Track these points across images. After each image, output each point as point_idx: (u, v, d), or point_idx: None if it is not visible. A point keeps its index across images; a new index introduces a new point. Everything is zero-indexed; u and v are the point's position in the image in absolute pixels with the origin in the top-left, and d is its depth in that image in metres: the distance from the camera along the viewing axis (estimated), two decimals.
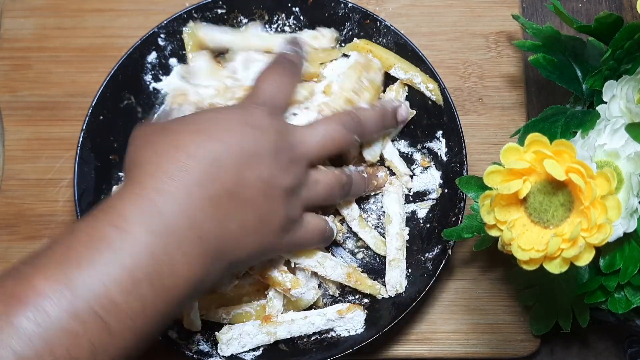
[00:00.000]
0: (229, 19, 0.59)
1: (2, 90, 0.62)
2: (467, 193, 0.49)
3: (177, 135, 0.42)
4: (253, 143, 0.43)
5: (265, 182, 0.43)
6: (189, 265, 0.39)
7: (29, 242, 0.59)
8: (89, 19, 0.63)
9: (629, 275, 0.43)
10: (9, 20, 0.64)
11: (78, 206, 0.53)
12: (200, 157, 0.41)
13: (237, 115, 0.45)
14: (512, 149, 0.39)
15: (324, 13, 0.58)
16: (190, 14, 0.58)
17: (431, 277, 0.52)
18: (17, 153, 0.61)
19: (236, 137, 0.43)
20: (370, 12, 0.57)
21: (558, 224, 0.39)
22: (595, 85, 0.48)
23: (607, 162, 0.44)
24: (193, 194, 0.40)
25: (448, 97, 0.55)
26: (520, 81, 0.62)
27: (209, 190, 0.41)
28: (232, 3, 0.58)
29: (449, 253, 0.53)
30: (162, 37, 0.58)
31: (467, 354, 0.57)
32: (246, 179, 0.42)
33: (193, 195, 0.40)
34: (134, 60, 0.57)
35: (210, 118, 0.44)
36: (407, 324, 0.57)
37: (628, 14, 0.64)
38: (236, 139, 0.43)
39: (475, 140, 0.60)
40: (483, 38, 0.63)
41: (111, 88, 0.56)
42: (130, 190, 0.40)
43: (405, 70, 0.56)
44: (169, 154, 0.41)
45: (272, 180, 0.44)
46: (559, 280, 0.51)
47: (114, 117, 0.57)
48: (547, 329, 0.54)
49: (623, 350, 0.58)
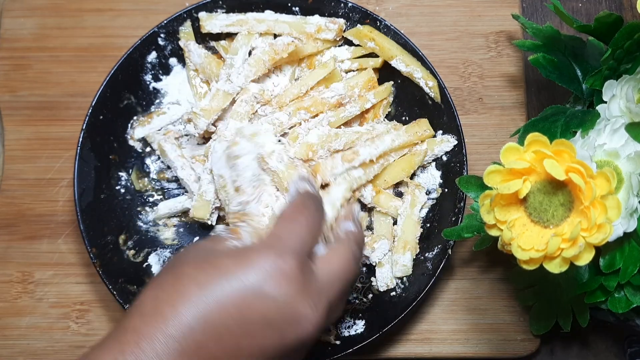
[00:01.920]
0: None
1: (2, 90, 0.62)
2: (467, 193, 0.49)
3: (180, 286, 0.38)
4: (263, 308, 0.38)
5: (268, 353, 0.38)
6: None
7: (29, 242, 0.59)
8: (89, 19, 0.63)
9: (628, 275, 0.43)
10: (9, 20, 0.64)
11: (78, 206, 0.53)
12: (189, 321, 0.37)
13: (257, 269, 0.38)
14: (512, 148, 0.39)
15: (324, 12, 0.58)
16: (190, 13, 0.58)
17: (431, 277, 0.52)
18: (17, 153, 0.61)
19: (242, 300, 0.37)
20: (370, 12, 0.57)
21: (558, 223, 0.39)
22: (595, 85, 0.48)
23: (607, 161, 0.44)
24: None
25: (448, 96, 0.55)
26: (520, 81, 0.62)
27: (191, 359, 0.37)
28: (232, 3, 0.58)
29: (449, 253, 0.53)
30: (162, 37, 0.58)
31: (467, 354, 0.57)
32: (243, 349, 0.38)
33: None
34: (134, 60, 0.57)
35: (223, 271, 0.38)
36: (407, 324, 0.57)
37: (628, 14, 0.64)
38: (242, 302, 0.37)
39: (475, 140, 0.60)
40: (483, 38, 0.63)
41: (111, 88, 0.56)
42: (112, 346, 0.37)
43: (406, 63, 0.56)
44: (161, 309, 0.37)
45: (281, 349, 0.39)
46: (559, 280, 0.51)
47: (114, 117, 0.57)
48: (547, 329, 0.54)
49: (623, 350, 0.58)
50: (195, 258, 0.40)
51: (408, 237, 0.55)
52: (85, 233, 0.53)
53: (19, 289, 0.58)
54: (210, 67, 0.57)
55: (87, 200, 0.54)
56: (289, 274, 0.39)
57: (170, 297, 0.38)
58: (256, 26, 0.57)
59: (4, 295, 0.58)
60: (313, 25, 0.57)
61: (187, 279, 0.38)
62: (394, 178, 0.56)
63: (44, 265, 0.58)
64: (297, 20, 0.57)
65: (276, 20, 0.57)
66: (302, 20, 0.57)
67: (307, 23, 0.57)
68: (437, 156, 0.57)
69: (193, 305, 0.37)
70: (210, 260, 0.40)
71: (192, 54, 0.58)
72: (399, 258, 0.55)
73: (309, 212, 0.43)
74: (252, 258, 0.39)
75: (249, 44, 0.57)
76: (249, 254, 0.40)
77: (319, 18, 0.58)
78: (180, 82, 0.60)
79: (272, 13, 0.58)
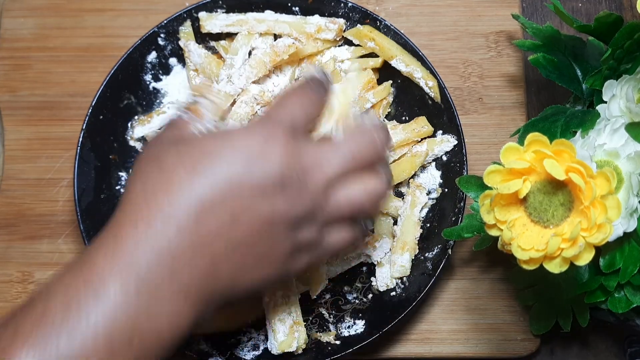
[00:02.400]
0: None
1: (2, 90, 0.62)
2: (467, 193, 0.49)
3: (167, 172, 0.39)
4: (253, 177, 0.39)
5: (264, 221, 0.39)
6: (172, 321, 0.37)
7: (29, 242, 0.59)
8: (89, 19, 0.63)
9: (628, 275, 0.43)
10: (9, 20, 0.64)
11: (78, 206, 0.53)
12: (183, 201, 0.37)
13: (241, 143, 0.39)
14: (512, 148, 0.39)
15: (324, 12, 0.58)
16: (190, 13, 0.58)
17: (431, 277, 0.52)
18: (17, 153, 0.61)
19: (232, 173, 0.38)
20: (370, 12, 0.57)
21: (558, 223, 0.39)
22: (595, 85, 0.48)
23: (607, 161, 0.44)
24: (173, 243, 0.37)
25: (448, 96, 0.55)
26: (520, 81, 0.62)
27: (191, 237, 0.37)
28: (232, 3, 0.58)
29: (449, 253, 0.53)
30: (162, 36, 0.58)
31: (467, 354, 0.57)
32: (240, 218, 0.39)
33: (173, 244, 0.37)
34: (134, 60, 0.57)
35: (208, 151, 0.39)
36: (407, 324, 0.57)
37: (628, 14, 0.64)
38: (232, 175, 0.38)
39: (475, 140, 0.60)
40: (483, 38, 0.63)
41: (111, 88, 0.56)
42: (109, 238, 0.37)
43: (406, 63, 0.56)
44: (154, 196, 0.38)
45: (274, 216, 0.39)
46: (559, 280, 0.51)
47: (114, 117, 0.57)
48: (547, 329, 0.54)
49: (623, 350, 0.58)
50: (171, 146, 0.40)
51: (407, 238, 0.55)
52: (85, 233, 0.53)
53: (19, 289, 0.58)
54: (210, 67, 0.57)
55: (87, 200, 0.54)
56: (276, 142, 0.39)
57: (160, 184, 0.38)
58: (256, 26, 0.57)
59: (4, 295, 0.58)
60: (313, 25, 0.57)
61: (173, 165, 0.39)
62: (395, 179, 0.56)
63: (44, 265, 0.58)
64: (297, 20, 0.57)
65: (276, 21, 0.57)
66: (302, 21, 0.57)
67: (307, 23, 0.57)
68: (437, 156, 0.57)
69: (186, 188, 0.38)
70: (192, 144, 0.40)
71: (192, 53, 0.58)
72: (397, 259, 0.55)
73: (303, 91, 0.44)
74: (236, 135, 0.40)
75: (249, 44, 0.57)
76: (232, 132, 0.41)
77: (319, 18, 0.58)
78: (180, 82, 0.60)
79: (272, 13, 0.58)
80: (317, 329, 0.55)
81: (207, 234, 0.38)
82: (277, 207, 0.39)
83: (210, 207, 0.38)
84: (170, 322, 0.37)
